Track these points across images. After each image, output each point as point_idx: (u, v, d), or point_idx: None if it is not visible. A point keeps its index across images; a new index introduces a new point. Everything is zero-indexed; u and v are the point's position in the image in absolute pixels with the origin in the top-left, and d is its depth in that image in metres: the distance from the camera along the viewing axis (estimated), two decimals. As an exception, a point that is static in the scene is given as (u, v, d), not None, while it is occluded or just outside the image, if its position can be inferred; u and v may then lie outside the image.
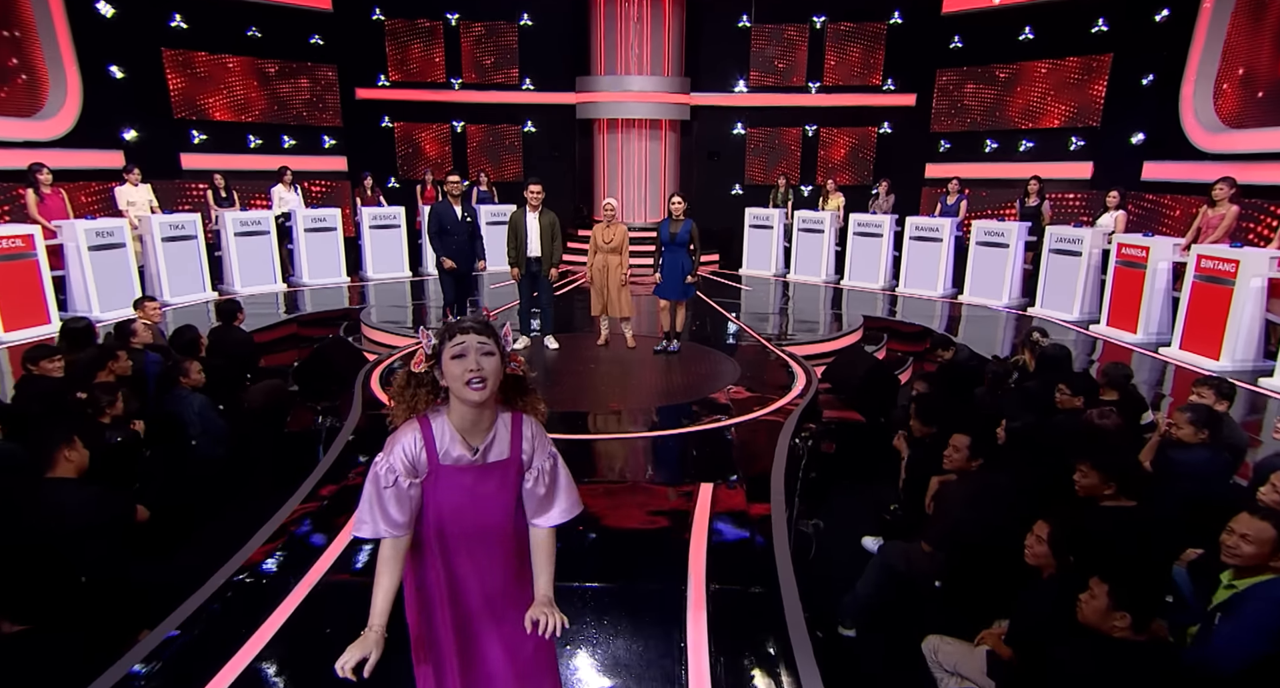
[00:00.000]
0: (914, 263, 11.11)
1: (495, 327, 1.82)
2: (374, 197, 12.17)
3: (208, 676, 2.71)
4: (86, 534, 3.29)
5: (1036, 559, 2.96)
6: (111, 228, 9.07)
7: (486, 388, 1.74)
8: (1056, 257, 9.64)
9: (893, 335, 8.89)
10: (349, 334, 8.39)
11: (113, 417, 4.35)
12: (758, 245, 12.72)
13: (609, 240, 7.25)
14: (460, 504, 1.83)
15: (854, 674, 3.35)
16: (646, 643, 2.95)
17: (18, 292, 8.02)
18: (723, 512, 4.05)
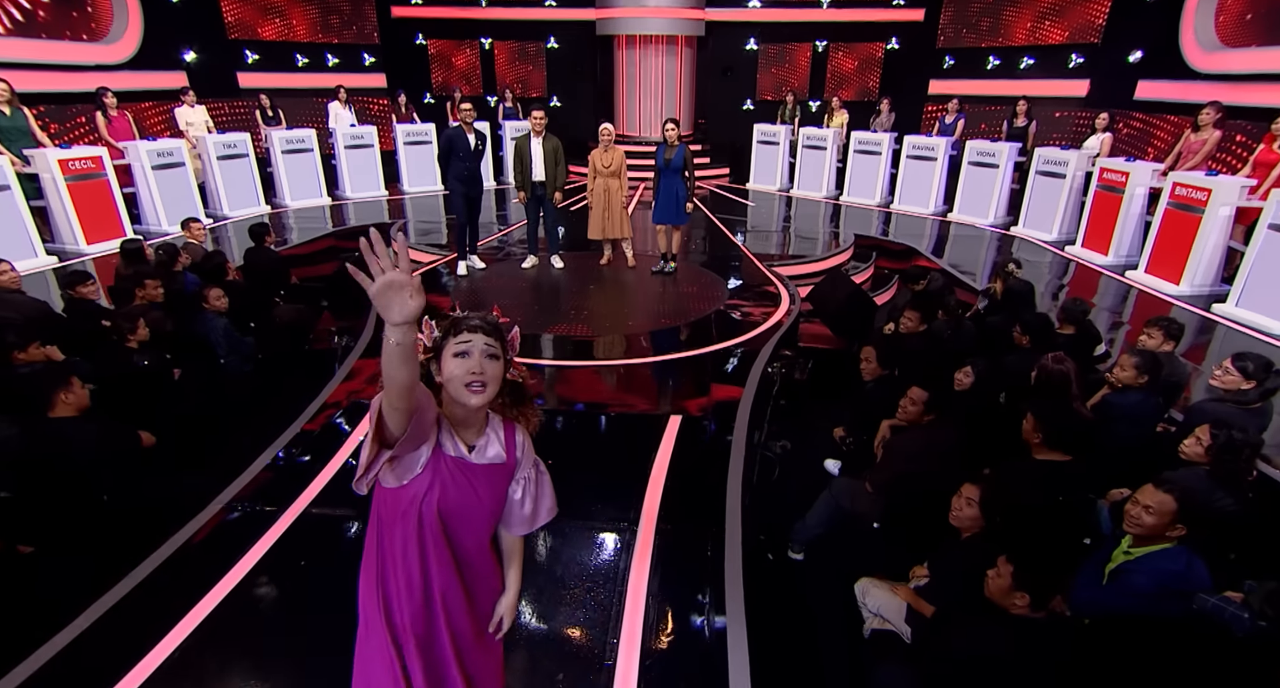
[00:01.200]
0: (909, 181, 10.17)
1: (503, 330, 1.52)
2: (408, 113, 11.39)
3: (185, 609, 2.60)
4: (95, 466, 3.15)
5: (960, 522, 2.64)
6: (171, 148, 8.61)
7: (486, 392, 1.45)
8: (1042, 178, 8.69)
9: (882, 253, 8.23)
10: (383, 249, 8.01)
11: (139, 341, 4.13)
12: (764, 161, 11.76)
13: (608, 165, 6.61)
14: (449, 499, 1.50)
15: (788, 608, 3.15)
16: (591, 579, 2.75)
17: (93, 208, 7.75)
18: (687, 444, 3.75)
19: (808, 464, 4.35)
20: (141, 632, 2.48)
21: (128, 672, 2.31)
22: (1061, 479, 2.92)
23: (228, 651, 2.41)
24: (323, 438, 3.85)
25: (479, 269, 6.93)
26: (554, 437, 3.82)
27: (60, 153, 7.45)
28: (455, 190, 6.48)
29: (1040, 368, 3.52)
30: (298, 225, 8.88)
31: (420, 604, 1.54)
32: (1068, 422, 2.89)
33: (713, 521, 3.09)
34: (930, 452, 3.17)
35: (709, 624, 2.56)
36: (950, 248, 8.34)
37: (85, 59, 9.52)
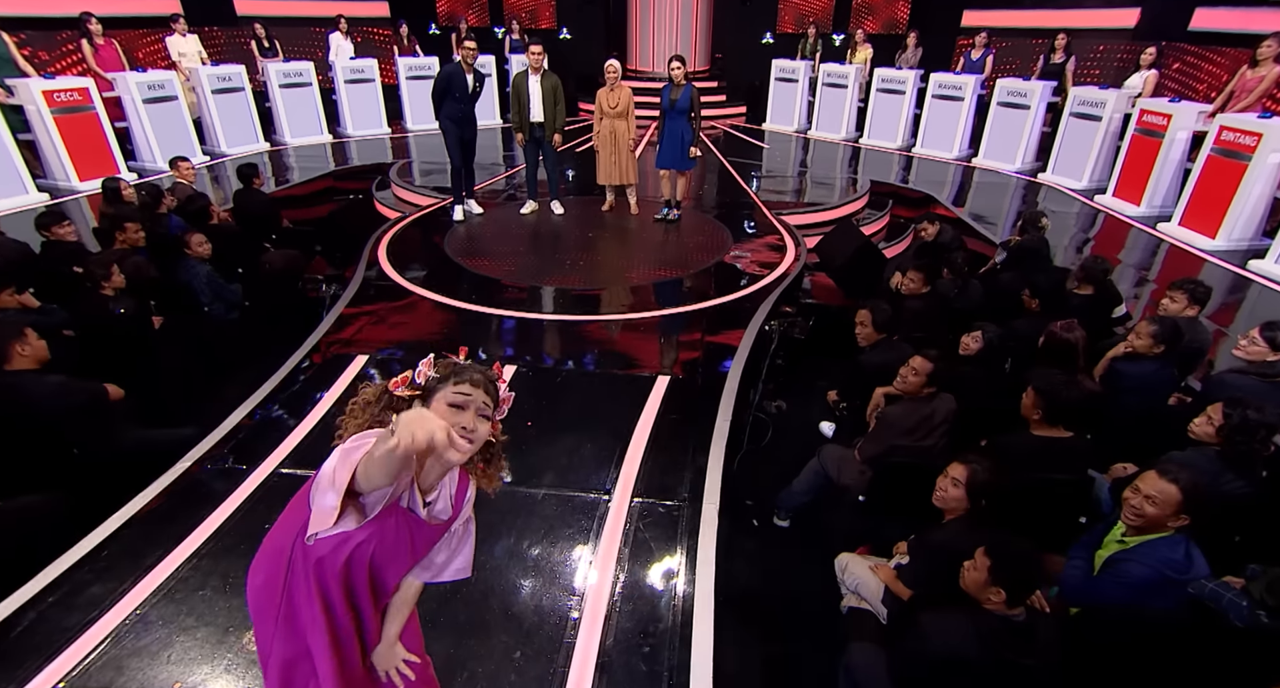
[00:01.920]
0: (933, 122, 9.59)
1: (498, 393, 1.44)
2: (410, 46, 10.87)
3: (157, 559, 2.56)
4: (58, 419, 3.08)
5: (945, 503, 2.49)
6: (163, 80, 8.31)
7: (467, 451, 1.35)
8: (1076, 120, 8.12)
9: (899, 201, 7.83)
10: (379, 189, 7.78)
11: (115, 288, 4.01)
12: (782, 99, 11.15)
13: (614, 105, 6.24)
14: (385, 549, 1.39)
15: (765, 579, 3.07)
16: (560, 551, 2.67)
17: (84, 143, 7.54)
18: (671, 412, 3.58)
19: (804, 426, 4.21)
20: (103, 589, 2.46)
21: (86, 630, 2.29)
22: (1061, 456, 2.75)
23: (186, 613, 2.38)
24: (302, 392, 3.76)
25: (475, 214, 6.69)
26: (534, 394, 3.69)
27: (44, 84, 7.19)
28: (449, 131, 6.17)
29: (1048, 335, 3.30)
30: (298, 165, 8.63)
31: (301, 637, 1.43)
32: (1069, 396, 2.69)
33: (692, 490, 2.98)
34: (926, 425, 3.00)
35: (677, 598, 2.47)
36: (972, 196, 7.92)
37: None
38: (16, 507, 2.90)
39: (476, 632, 2.32)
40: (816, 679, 2.62)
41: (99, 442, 3.22)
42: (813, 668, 2.63)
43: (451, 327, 4.57)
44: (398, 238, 6.11)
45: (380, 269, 5.37)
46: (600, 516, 2.83)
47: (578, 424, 3.44)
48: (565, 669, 2.20)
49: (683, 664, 2.23)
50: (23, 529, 2.83)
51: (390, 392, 1.40)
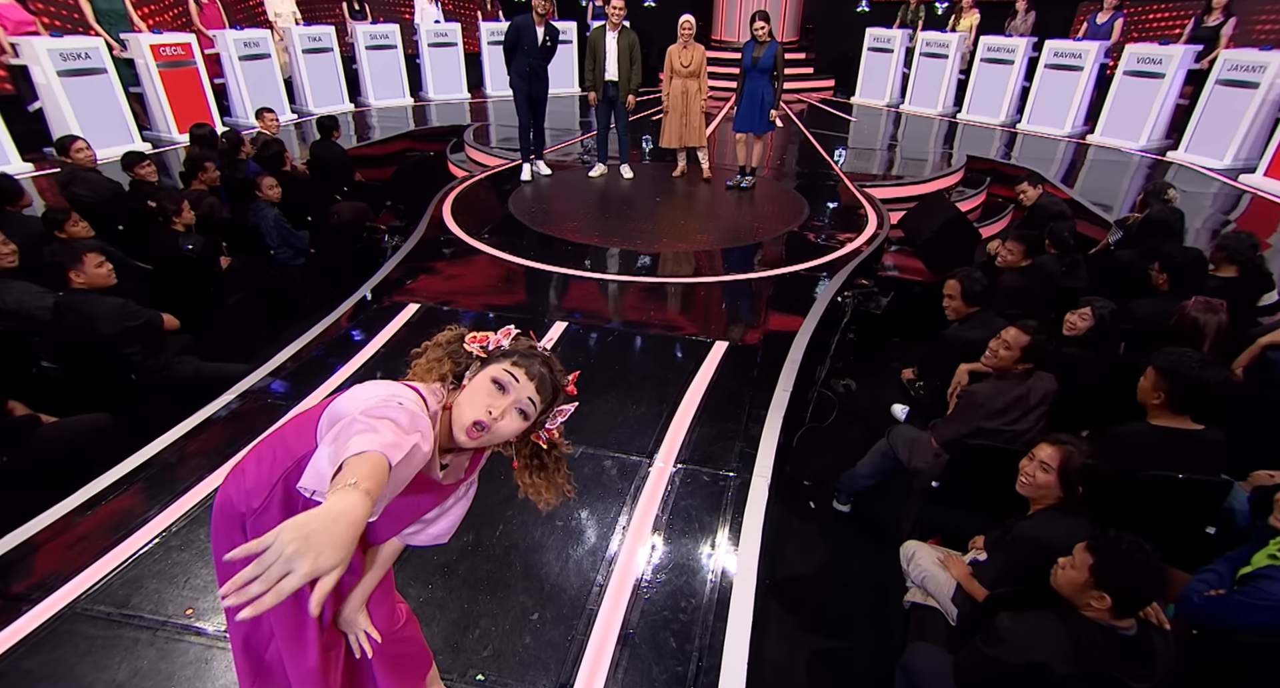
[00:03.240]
0: (1044, 95, 8.72)
1: (555, 398, 1.24)
2: (494, 10, 10.83)
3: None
4: (118, 339, 3.13)
5: (1031, 491, 2.13)
6: (258, 38, 8.57)
7: (479, 440, 1.16)
8: (1224, 89, 7.11)
9: (997, 179, 7.14)
10: (454, 152, 7.76)
11: (185, 225, 4.09)
12: (874, 71, 10.44)
13: (686, 63, 5.92)
14: (393, 507, 1.24)
15: (819, 565, 2.78)
16: (592, 516, 2.47)
17: (184, 97, 7.88)
18: (726, 379, 3.32)
19: (874, 410, 3.86)
20: (134, 509, 2.44)
21: (114, 548, 2.27)
22: (1186, 452, 2.31)
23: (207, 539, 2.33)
24: (351, 334, 3.72)
25: (543, 175, 6.54)
26: (580, 351, 3.50)
27: (153, 38, 7.53)
28: (518, 88, 6.00)
29: (1179, 314, 2.81)
30: (379, 124, 8.75)
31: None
32: (1204, 377, 2.24)
33: (742, 460, 2.71)
34: (1019, 407, 2.60)
35: (715, 574, 2.23)
36: (1085, 174, 7.13)
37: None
38: (72, 423, 2.97)
39: (495, 589, 2.16)
40: (868, 679, 2.33)
41: (154, 367, 3.27)
42: (864, 666, 2.35)
43: (507, 281, 4.44)
44: (464, 195, 6.04)
45: (443, 223, 5.30)
46: (640, 479, 2.61)
47: (624, 385, 3.22)
48: (585, 637, 2.00)
49: (715, 646, 1.99)
50: (76, 445, 2.90)
51: (463, 343, 1.24)
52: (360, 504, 0.80)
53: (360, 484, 0.84)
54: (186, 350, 3.61)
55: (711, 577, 2.22)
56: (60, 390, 3.23)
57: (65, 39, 6.93)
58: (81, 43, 6.97)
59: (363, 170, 6.45)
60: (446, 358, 1.25)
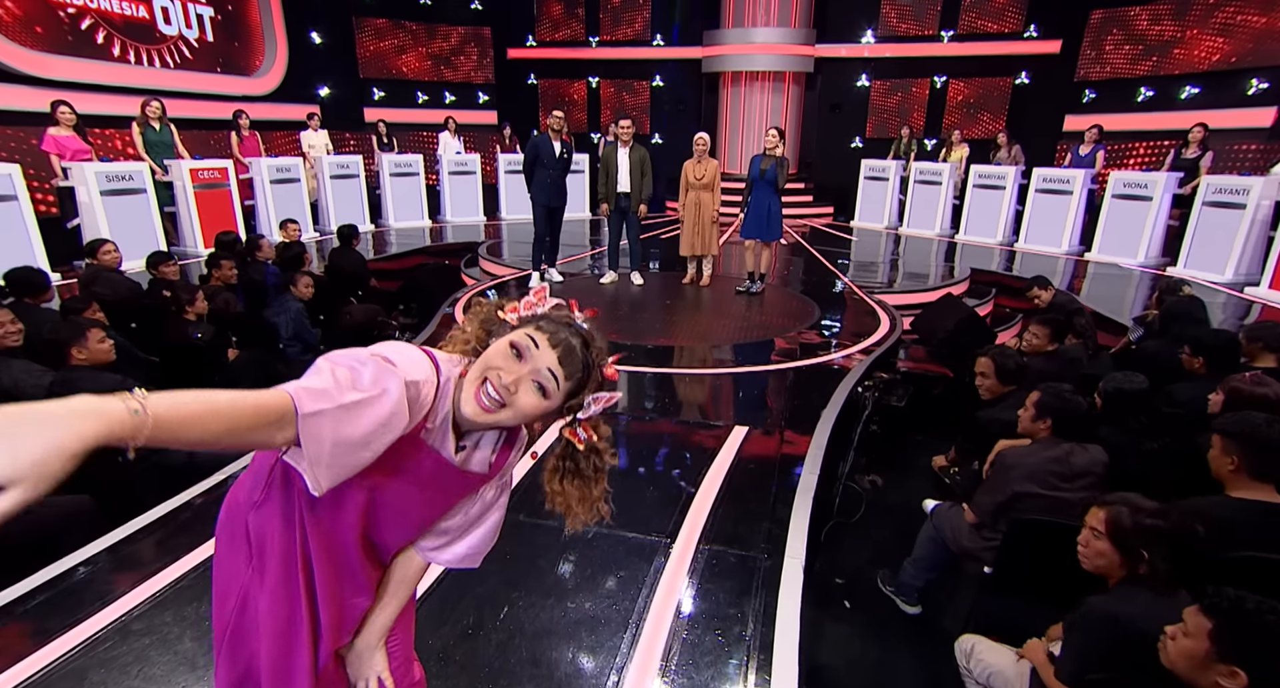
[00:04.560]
0: (1038, 217, 9.16)
1: (591, 376, 1.08)
2: (511, 144, 11.75)
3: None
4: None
5: (1093, 563, 1.91)
6: (289, 165, 9.25)
7: (489, 419, 1.02)
8: (1212, 210, 7.47)
9: (1002, 291, 7.29)
10: (468, 266, 8.05)
11: (197, 314, 4.13)
12: (872, 197, 11.09)
13: (700, 176, 6.29)
14: (397, 491, 1.07)
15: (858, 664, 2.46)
16: (607, 598, 2.22)
17: (214, 216, 8.34)
18: (748, 461, 3.17)
19: (904, 506, 3.62)
20: (95, 592, 2.21)
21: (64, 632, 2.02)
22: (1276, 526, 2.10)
23: (172, 624, 2.08)
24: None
25: (556, 282, 6.72)
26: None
27: (193, 163, 8.12)
28: (536, 200, 6.34)
29: (1231, 390, 2.69)
30: (396, 241, 9.17)
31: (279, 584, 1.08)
32: (1273, 436, 2.07)
33: (771, 541, 2.48)
34: (1060, 472, 2.42)
35: (749, 663, 1.95)
36: (1089, 286, 7.29)
37: (233, 90, 10.54)
38: (51, 504, 2.79)
39: (496, 678, 1.88)
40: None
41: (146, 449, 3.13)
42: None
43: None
44: (477, 298, 6.15)
45: (455, 321, 5.34)
46: (660, 559, 2.37)
47: (640, 468, 3.05)
48: (599, 738, 1.71)
49: (754, 750, 1.68)
50: (51, 527, 2.70)
51: (498, 312, 1.12)
52: (92, 413, 0.64)
53: (144, 402, 0.68)
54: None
55: (744, 667, 1.94)
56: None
57: (113, 164, 7.48)
58: (127, 167, 7.51)
59: (379, 280, 6.64)
60: (479, 328, 1.12)
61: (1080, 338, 3.99)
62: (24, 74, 7.82)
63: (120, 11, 9.06)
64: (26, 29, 7.94)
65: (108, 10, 8.90)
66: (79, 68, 8.45)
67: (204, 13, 10.22)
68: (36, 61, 7.96)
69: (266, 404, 0.80)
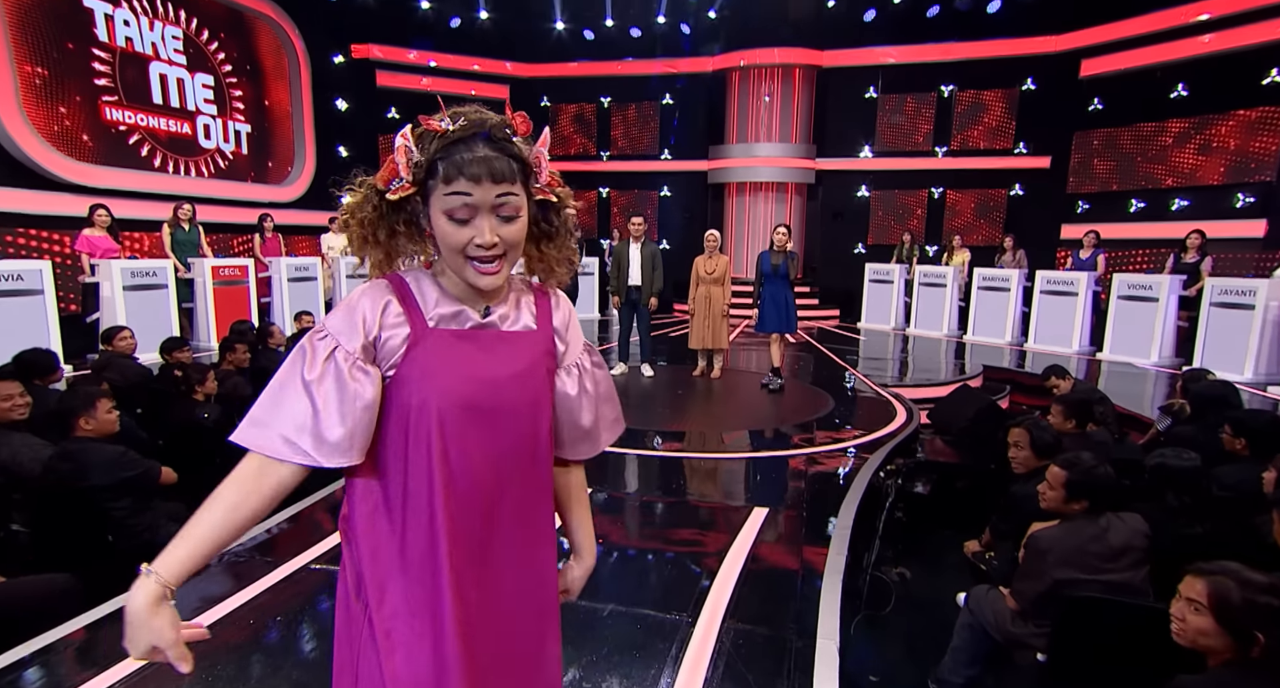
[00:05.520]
0: (1045, 317, 9.31)
1: (522, 153, 1.00)
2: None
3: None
4: (109, 491, 2.95)
5: (1192, 639, 1.75)
6: (307, 263, 9.62)
7: (502, 270, 1.00)
8: (1220, 310, 7.58)
9: (1016, 388, 7.28)
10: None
11: (206, 395, 4.13)
12: (877, 299, 11.36)
13: (711, 271, 6.50)
14: (467, 381, 1.01)
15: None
16: (625, 678, 2.04)
17: (229, 310, 8.57)
18: (771, 542, 3.03)
19: (935, 601, 3.41)
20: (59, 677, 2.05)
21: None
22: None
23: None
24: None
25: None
26: (610, 520, 3.23)
27: (215, 261, 8.47)
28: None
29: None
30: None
31: (448, 556, 1.02)
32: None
33: (800, 621, 2.32)
34: (1100, 552, 2.29)
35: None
36: (1105, 383, 7.26)
37: (261, 197, 11.18)
38: (29, 582, 2.67)
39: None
40: None
41: (138, 527, 3.03)
42: None
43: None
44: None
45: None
46: (681, 640, 2.21)
47: (658, 548, 2.91)
48: None
49: None
50: (30, 606, 2.57)
51: (382, 195, 1.01)
52: (139, 598, 0.92)
53: (155, 568, 0.93)
54: (176, 518, 3.39)
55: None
56: (27, 553, 2.96)
57: (139, 261, 7.82)
58: (151, 264, 7.84)
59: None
60: (377, 225, 1.04)
61: (1101, 425, 3.93)
62: (69, 182, 8.35)
63: (167, 128, 9.82)
64: (76, 141, 8.58)
65: (156, 128, 9.65)
66: (120, 177, 9.03)
67: (242, 129, 11.06)
68: (82, 171, 8.53)
69: (243, 470, 0.99)
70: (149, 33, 9.39)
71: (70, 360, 6.93)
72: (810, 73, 12.64)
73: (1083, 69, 11.22)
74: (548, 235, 1.10)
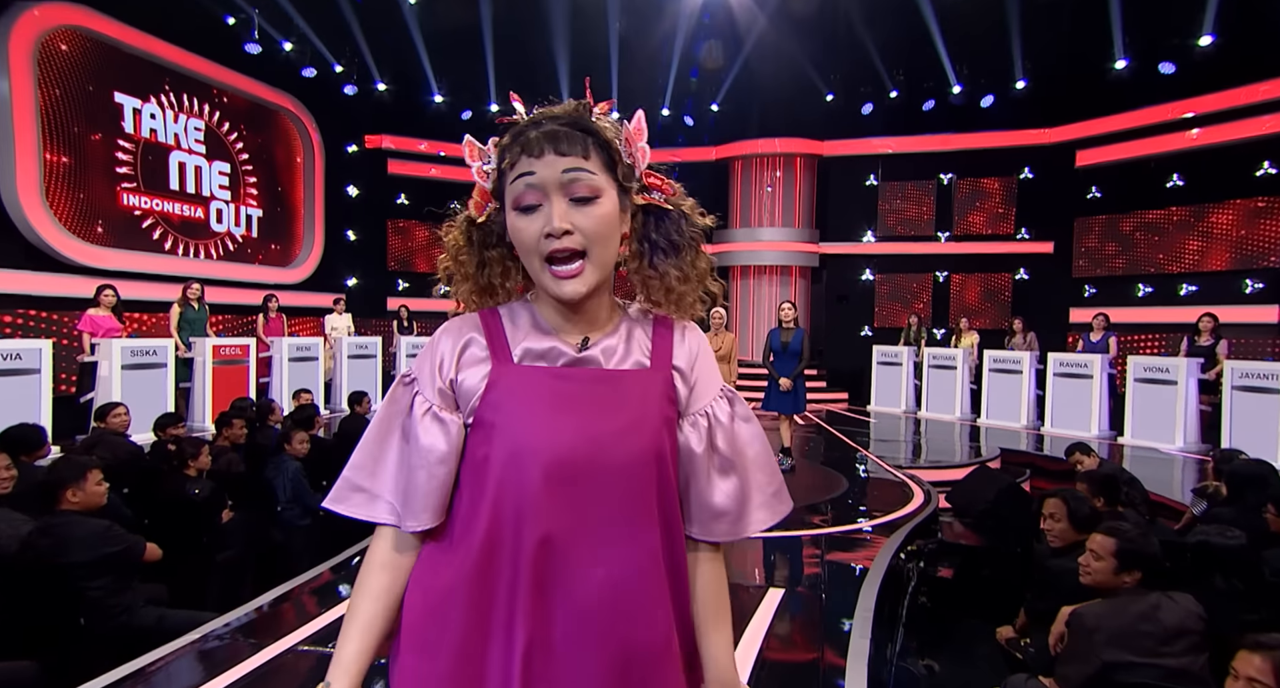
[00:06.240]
0: (1061, 400, 9.26)
1: (596, 126, 0.88)
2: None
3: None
4: (89, 568, 2.86)
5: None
6: (309, 344, 9.76)
7: (584, 274, 0.86)
8: (1244, 394, 7.54)
9: (1037, 472, 7.14)
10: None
11: (199, 470, 4.09)
12: (887, 382, 11.36)
13: (717, 348, 6.55)
14: (548, 431, 0.86)
15: None
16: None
17: (229, 390, 8.58)
18: (787, 626, 2.90)
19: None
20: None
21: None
22: None
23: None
24: (349, 579, 3.38)
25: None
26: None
27: (217, 340, 8.60)
28: None
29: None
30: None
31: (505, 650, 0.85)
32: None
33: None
34: (1151, 632, 2.18)
35: None
36: (1130, 468, 7.09)
37: (268, 279, 11.49)
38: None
39: None
40: None
41: (115, 608, 2.92)
42: None
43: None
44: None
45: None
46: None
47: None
48: None
49: None
50: None
51: (473, 222, 0.95)
52: None
53: (330, 681, 0.85)
54: (155, 600, 3.29)
55: None
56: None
57: (140, 340, 7.95)
58: (153, 343, 7.96)
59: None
60: (467, 256, 0.95)
61: (1130, 507, 3.84)
62: (80, 265, 8.60)
63: (180, 213, 10.25)
64: (90, 226, 8.92)
65: (170, 213, 10.07)
66: (130, 259, 9.32)
67: (254, 213, 11.53)
68: (94, 254, 8.81)
69: (383, 548, 0.92)
70: (173, 124, 9.98)
71: (59, 441, 6.89)
72: (811, 161, 13.28)
73: (1078, 159, 11.75)
74: (663, 250, 0.95)
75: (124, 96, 9.24)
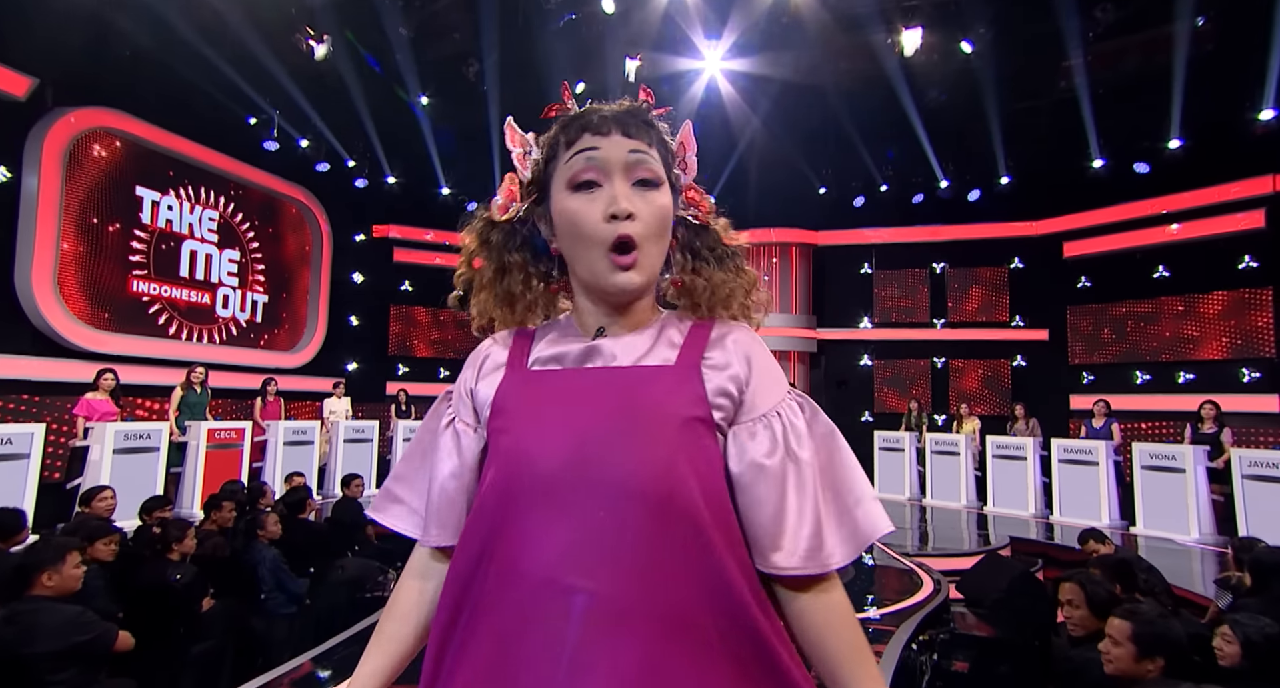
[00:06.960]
0: (1068, 488, 9.10)
1: (656, 124, 0.85)
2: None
3: None
4: (55, 659, 2.74)
5: None
6: (305, 427, 9.71)
7: (641, 263, 0.80)
8: (1254, 483, 7.44)
9: (1049, 563, 6.93)
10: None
11: (182, 554, 3.99)
12: (889, 468, 11.20)
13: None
14: (539, 436, 0.78)
15: None
16: None
17: (221, 474, 8.44)
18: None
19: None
20: None
21: None
22: None
23: None
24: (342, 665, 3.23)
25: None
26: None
27: (212, 424, 8.55)
28: None
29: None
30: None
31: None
32: None
33: None
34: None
35: None
36: (1148, 559, 6.90)
37: (268, 363, 11.57)
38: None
39: None
40: None
41: (81, 695, 2.77)
42: None
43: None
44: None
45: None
46: None
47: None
48: None
49: None
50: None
51: (493, 225, 0.91)
52: None
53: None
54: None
55: None
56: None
57: (133, 424, 7.92)
58: (146, 426, 7.93)
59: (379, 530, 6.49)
60: (490, 250, 0.89)
61: (1149, 596, 3.71)
62: (84, 350, 8.68)
63: (187, 299, 10.47)
64: (98, 311, 9.09)
65: (177, 299, 10.29)
66: (133, 343, 9.41)
67: (259, 299, 11.77)
68: (98, 339, 8.90)
69: (413, 565, 0.93)
70: (188, 215, 10.38)
71: (40, 529, 6.71)
72: (807, 250, 13.71)
73: (1065, 250, 12.15)
74: (706, 260, 0.91)
75: (144, 190, 9.66)
